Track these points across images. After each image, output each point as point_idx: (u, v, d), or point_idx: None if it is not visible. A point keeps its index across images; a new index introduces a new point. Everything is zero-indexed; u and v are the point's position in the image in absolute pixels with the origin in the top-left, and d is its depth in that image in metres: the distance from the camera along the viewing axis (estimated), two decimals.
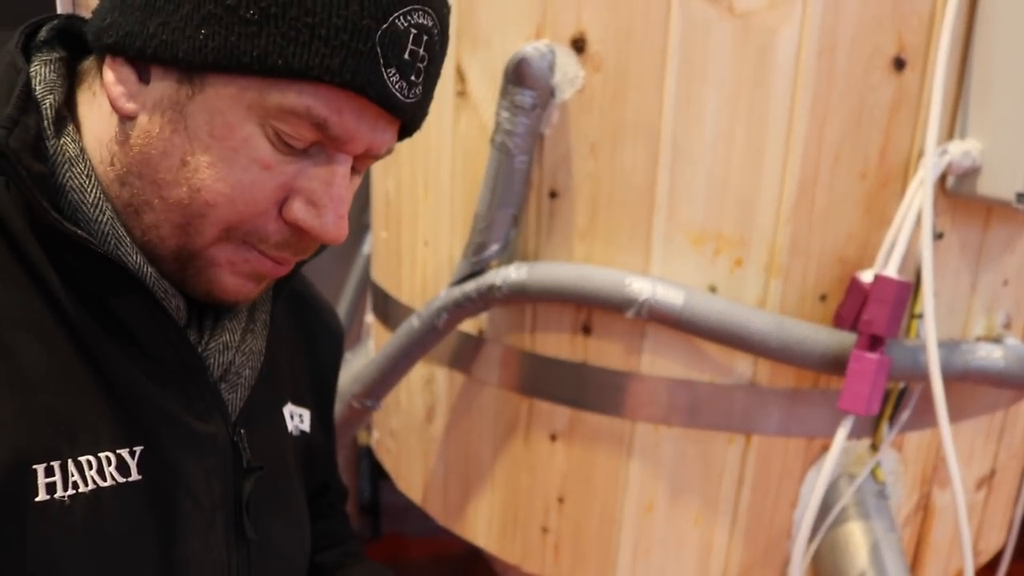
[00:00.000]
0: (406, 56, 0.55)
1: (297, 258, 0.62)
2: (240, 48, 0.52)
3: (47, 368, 0.55)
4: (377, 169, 1.46)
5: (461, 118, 1.16)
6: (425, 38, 0.56)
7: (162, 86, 0.55)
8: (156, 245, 0.58)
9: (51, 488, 0.53)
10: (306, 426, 0.78)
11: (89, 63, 0.61)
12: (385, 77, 0.55)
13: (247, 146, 0.55)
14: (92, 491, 0.55)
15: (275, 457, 0.71)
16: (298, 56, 0.52)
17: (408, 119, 0.59)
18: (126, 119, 0.57)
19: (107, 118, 0.58)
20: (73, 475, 0.54)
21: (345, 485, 0.94)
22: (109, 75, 0.57)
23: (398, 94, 0.56)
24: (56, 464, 0.54)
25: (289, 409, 0.76)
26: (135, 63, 0.56)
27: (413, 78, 0.57)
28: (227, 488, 0.64)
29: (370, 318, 1.57)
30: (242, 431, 0.66)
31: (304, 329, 0.83)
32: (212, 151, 0.55)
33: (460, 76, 1.15)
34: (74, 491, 0.54)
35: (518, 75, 1.01)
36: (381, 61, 0.54)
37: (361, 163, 0.61)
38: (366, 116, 0.56)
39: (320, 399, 0.84)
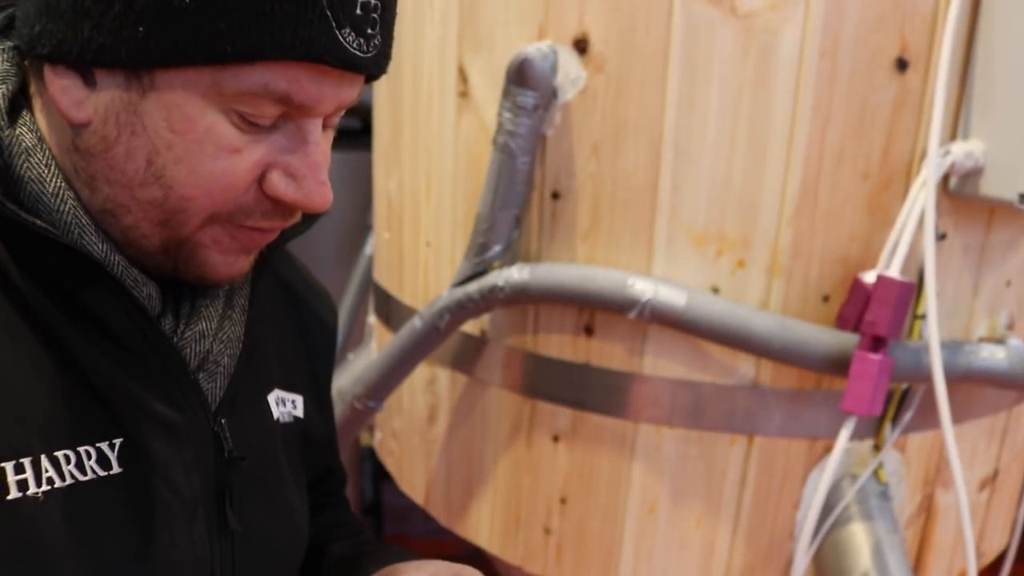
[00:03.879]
0: (358, 11, 0.52)
1: (287, 223, 0.59)
2: (184, 40, 0.49)
3: (14, 365, 0.53)
4: (379, 170, 1.46)
5: (463, 119, 1.16)
6: None
7: (110, 87, 0.52)
8: (141, 243, 0.57)
9: (23, 485, 0.52)
10: (299, 411, 0.76)
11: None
12: (341, 40, 0.52)
13: (211, 135, 0.52)
14: (70, 486, 0.54)
15: (261, 446, 0.69)
16: (246, 39, 0.49)
17: (372, 72, 0.57)
18: (80, 127, 0.54)
19: (61, 123, 0.55)
20: (48, 471, 0.53)
21: (344, 469, 0.93)
22: (54, 85, 0.53)
23: (357, 53, 0.53)
24: (27, 461, 0.52)
25: (277, 395, 0.74)
26: (78, 68, 0.53)
27: (369, 31, 0.54)
28: (208, 480, 0.63)
29: (372, 319, 1.57)
30: (223, 421, 0.64)
31: (295, 312, 0.80)
32: (176, 147, 0.52)
33: (462, 77, 1.15)
34: (49, 487, 0.53)
35: (520, 76, 1.01)
36: (333, 24, 0.51)
37: (331, 119, 0.59)
38: (328, 80, 0.53)
39: (314, 383, 0.81)
